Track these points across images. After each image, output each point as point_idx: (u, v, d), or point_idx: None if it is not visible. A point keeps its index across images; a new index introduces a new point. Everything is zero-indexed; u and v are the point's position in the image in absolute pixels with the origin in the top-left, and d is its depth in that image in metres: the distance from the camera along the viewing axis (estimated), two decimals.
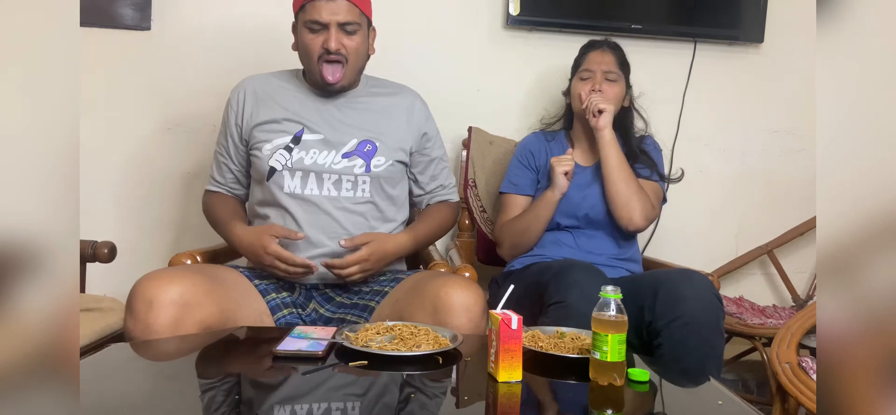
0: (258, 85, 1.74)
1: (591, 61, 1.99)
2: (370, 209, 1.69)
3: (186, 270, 1.51)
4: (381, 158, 1.69)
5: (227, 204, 1.77)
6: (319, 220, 1.64)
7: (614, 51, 2.02)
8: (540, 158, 2.04)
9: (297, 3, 1.65)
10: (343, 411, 1.07)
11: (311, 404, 1.10)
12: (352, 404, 1.10)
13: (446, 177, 1.87)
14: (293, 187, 1.65)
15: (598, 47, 2.03)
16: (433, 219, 1.81)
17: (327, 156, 1.66)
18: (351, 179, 1.66)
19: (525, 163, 2.04)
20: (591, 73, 1.98)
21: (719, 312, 1.60)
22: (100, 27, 2.20)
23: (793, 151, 2.53)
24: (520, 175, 2.03)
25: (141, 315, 1.38)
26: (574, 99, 2.00)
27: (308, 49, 1.63)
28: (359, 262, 1.59)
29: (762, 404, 2.20)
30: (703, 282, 1.62)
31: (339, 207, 1.66)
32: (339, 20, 1.60)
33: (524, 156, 2.05)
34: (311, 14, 1.60)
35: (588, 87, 1.96)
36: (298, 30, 1.66)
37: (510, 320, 1.17)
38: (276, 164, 1.65)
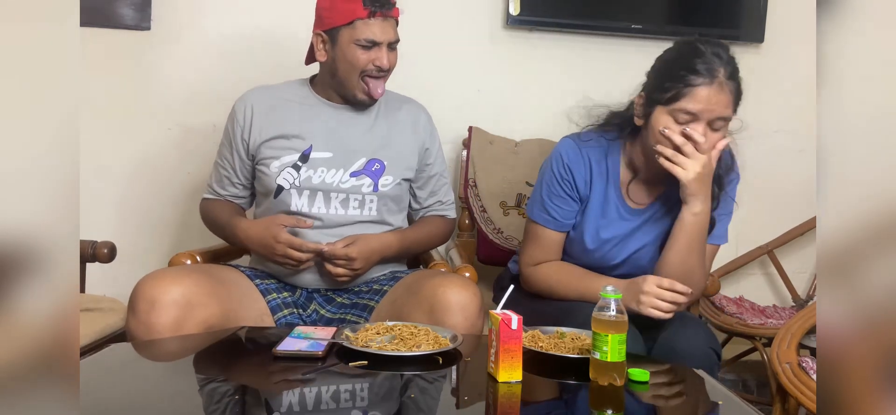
0: (265, 99, 1.71)
1: (701, 100, 1.41)
2: (376, 227, 1.68)
3: (188, 271, 1.51)
4: (388, 177, 1.68)
5: (226, 206, 1.76)
6: (326, 237, 1.62)
7: (733, 80, 1.44)
8: (581, 184, 1.60)
9: (341, 19, 1.60)
10: (343, 412, 1.07)
11: (311, 404, 1.10)
12: (352, 404, 1.10)
13: (445, 193, 1.85)
14: (300, 206, 1.64)
15: (714, 77, 1.41)
16: (425, 227, 1.80)
17: (335, 175, 1.65)
18: (358, 199, 1.66)
19: (567, 190, 1.60)
20: (694, 117, 1.43)
21: (715, 366, 1.46)
22: (100, 27, 2.20)
23: (793, 151, 2.53)
24: (558, 206, 1.61)
25: (143, 315, 1.38)
26: (653, 133, 1.47)
27: (355, 64, 1.61)
28: (345, 257, 1.58)
29: (762, 404, 2.20)
30: (699, 337, 1.48)
31: (345, 224, 1.65)
32: (390, 39, 1.63)
33: (564, 179, 1.60)
34: (364, 33, 1.60)
35: (680, 130, 1.44)
36: (339, 44, 1.62)
37: (510, 320, 1.17)
38: (283, 182, 1.64)
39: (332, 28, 1.62)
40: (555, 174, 1.61)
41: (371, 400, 1.13)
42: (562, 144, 1.64)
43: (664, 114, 1.46)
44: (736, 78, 1.45)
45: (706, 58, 1.42)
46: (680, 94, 1.43)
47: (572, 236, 1.64)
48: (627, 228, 1.60)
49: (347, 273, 1.60)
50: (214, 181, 1.78)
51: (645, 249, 1.61)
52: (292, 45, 2.26)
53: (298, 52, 1.82)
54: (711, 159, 1.46)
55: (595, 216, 1.61)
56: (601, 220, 1.61)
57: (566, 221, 1.61)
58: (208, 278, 1.49)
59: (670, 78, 1.45)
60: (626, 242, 1.61)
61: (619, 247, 1.61)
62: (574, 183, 1.60)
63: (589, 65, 2.40)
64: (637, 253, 1.61)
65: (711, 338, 1.49)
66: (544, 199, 1.63)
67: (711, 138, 1.45)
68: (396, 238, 1.70)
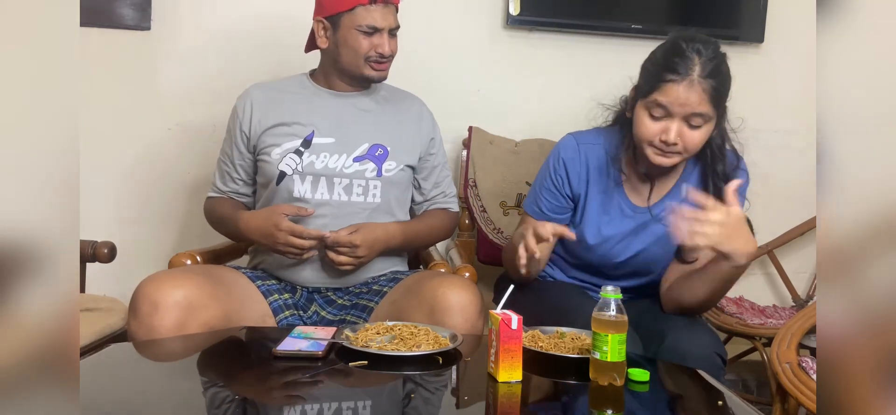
0: (265, 91, 1.73)
1: (670, 95, 1.42)
2: (379, 214, 1.68)
3: (190, 272, 1.51)
4: (392, 163, 1.68)
5: (228, 202, 1.77)
6: (329, 224, 1.62)
7: (710, 78, 1.42)
8: (576, 182, 1.62)
9: (342, 5, 1.62)
10: (343, 412, 1.07)
11: (311, 404, 1.10)
12: (352, 404, 1.10)
13: (448, 185, 1.86)
14: (303, 192, 1.63)
15: (686, 75, 1.41)
16: (428, 220, 1.80)
17: (338, 160, 1.65)
18: (362, 184, 1.66)
19: (558, 185, 1.63)
20: (666, 112, 1.44)
21: (720, 371, 1.44)
22: (100, 27, 2.20)
23: (793, 151, 2.53)
24: (546, 199, 1.64)
25: (145, 318, 1.38)
26: (638, 128, 1.50)
27: (357, 50, 1.63)
28: (349, 244, 1.56)
29: (762, 404, 2.20)
30: (704, 341, 1.45)
31: (348, 213, 1.64)
32: (390, 26, 1.65)
33: (557, 174, 1.63)
34: (365, 19, 1.61)
35: (658, 129, 1.46)
36: (340, 30, 1.63)
37: (510, 320, 1.17)
38: (285, 168, 1.64)
39: (332, 15, 1.63)
40: (550, 169, 1.65)
41: (371, 400, 1.13)
42: (562, 142, 1.66)
43: (641, 107, 1.48)
44: (717, 75, 1.43)
45: (685, 55, 1.42)
46: (653, 89, 1.45)
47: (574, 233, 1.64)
48: (630, 226, 1.60)
49: (351, 261, 1.58)
50: (217, 179, 1.79)
51: (650, 248, 1.60)
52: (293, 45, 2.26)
53: (299, 52, 1.82)
54: (730, 204, 1.36)
55: (596, 213, 1.62)
56: (603, 217, 1.61)
57: (551, 214, 1.62)
58: (210, 280, 1.49)
59: (649, 74, 1.48)
60: (630, 240, 1.60)
61: (622, 245, 1.61)
62: (567, 180, 1.62)
63: (589, 65, 2.40)
64: (642, 253, 1.60)
65: (717, 342, 1.47)
66: (537, 190, 1.67)
67: (689, 135, 1.45)
68: (400, 228, 1.69)
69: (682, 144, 1.45)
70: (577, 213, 1.64)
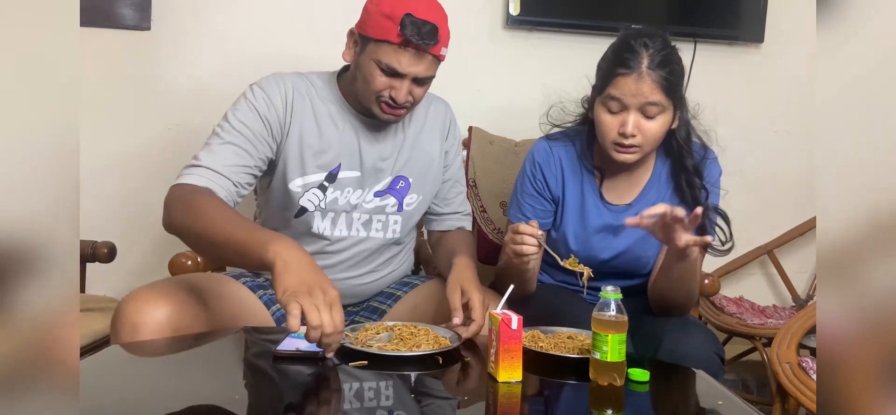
0: (302, 96, 1.55)
1: (621, 87, 1.47)
2: (392, 246, 1.64)
3: (177, 287, 1.38)
4: (413, 196, 1.63)
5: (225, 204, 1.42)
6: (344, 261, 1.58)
7: (660, 69, 1.46)
8: (553, 183, 1.66)
9: (374, 32, 1.45)
10: (342, 412, 1.07)
11: (311, 404, 1.10)
12: (351, 404, 1.10)
13: (461, 203, 1.76)
14: (323, 229, 1.55)
15: (635, 68, 1.46)
16: (466, 240, 1.71)
17: (361, 196, 1.57)
18: (382, 220, 1.60)
19: (538, 188, 1.66)
20: (622, 104, 1.49)
21: (719, 371, 1.44)
22: (100, 27, 2.20)
23: (793, 151, 2.53)
24: (530, 204, 1.67)
25: (125, 340, 1.32)
26: (598, 126, 1.54)
27: (370, 83, 1.47)
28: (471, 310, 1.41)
29: (762, 404, 2.20)
30: (703, 342, 1.46)
31: (364, 248, 1.59)
32: (418, 75, 1.47)
33: (535, 178, 1.66)
34: (388, 58, 1.44)
35: (617, 123, 1.50)
36: (365, 54, 1.47)
37: (510, 320, 1.17)
38: (307, 204, 1.54)
39: (364, 35, 1.48)
40: (526, 174, 1.68)
41: (370, 400, 1.12)
42: (534, 146, 1.70)
43: (599, 105, 1.54)
44: (666, 66, 1.47)
45: (633, 49, 1.48)
46: (607, 84, 1.51)
47: (555, 237, 1.67)
48: (609, 224, 1.62)
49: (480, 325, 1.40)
50: (208, 157, 1.46)
51: (633, 247, 1.62)
52: (293, 44, 2.26)
53: (299, 52, 1.82)
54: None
55: (574, 214, 1.65)
56: (581, 216, 1.64)
57: (538, 219, 1.60)
58: (198, 295, 1.39)
59: (603, 71, 1.55)
60: (610, 239, 1.63)
61: (604, 244, 1.63)
62: (545, 182, 1.66)
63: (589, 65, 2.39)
64: (626, 252, 1.62)
65: (715, 343, 1.48)
66: (518, 198, 1.69)
67: (646, 126, 1.49)
68: (473, 262, 1.56)
69: (641, 136, 1.49)
70: (557, 215, 1.67)
